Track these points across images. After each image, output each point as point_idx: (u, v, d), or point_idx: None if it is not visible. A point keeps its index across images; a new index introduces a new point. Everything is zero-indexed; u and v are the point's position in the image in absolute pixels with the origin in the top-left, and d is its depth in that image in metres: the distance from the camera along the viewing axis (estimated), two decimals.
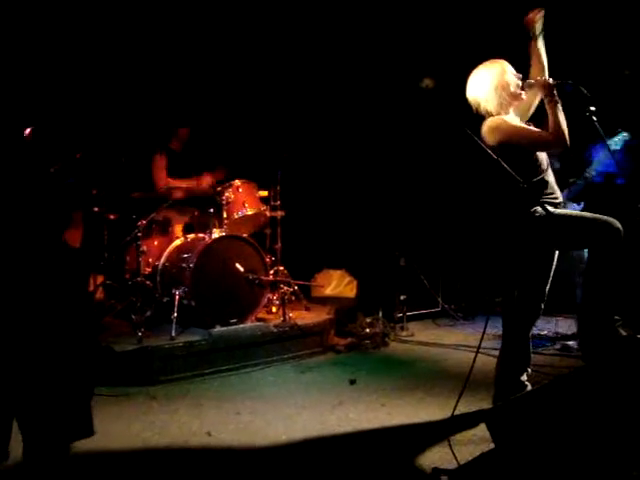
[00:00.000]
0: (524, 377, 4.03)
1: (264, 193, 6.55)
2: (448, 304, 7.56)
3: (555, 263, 4.04)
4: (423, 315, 7.37)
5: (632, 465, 2.69)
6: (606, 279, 3.81)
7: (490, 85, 3.99)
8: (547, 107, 3.88)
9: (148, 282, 5.79)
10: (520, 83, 3.96)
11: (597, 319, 3.89)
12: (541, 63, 4.11)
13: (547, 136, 3.86)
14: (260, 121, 7.33)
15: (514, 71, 4.01)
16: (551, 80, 3.86)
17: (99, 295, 6.01)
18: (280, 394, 4.74)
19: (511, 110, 4.05)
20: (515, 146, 3.84)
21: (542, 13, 4.05)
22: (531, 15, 4.05)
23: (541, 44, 4.10)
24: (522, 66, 4.10)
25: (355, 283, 7.59)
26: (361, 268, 7.54)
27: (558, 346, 5.87)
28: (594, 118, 4.05)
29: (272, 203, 6.62)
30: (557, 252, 4.05)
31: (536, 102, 4.16)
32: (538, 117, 4.11)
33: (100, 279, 6.04)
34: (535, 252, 3.94)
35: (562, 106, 3.85)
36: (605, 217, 3.78)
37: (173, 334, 5.26)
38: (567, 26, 6.43)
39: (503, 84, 3.95)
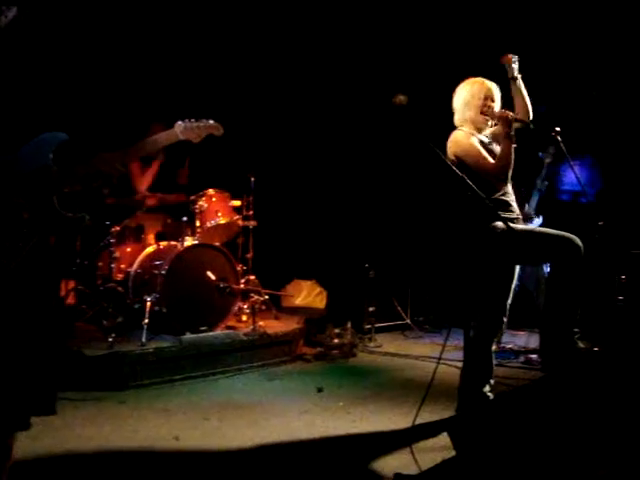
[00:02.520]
0: (487, 388, 4.11)
1: (237, 203, 6.59)
2: (417, 316, 7.66)
3: (516, 278, 4.17)
4: (391, 327, 7.46)
5: (585, 473, 2.79)
6: (567, 294, 3.93)
7: (461, 100, 4.18)
8: (501, 139, 4.02)
9: (120, 288, 5.81)
10: (489, 109, 4.10)
11: (558, 332, 4.01)
12: (523, 103, 4.25)
13: (490, 166, 4.02)
14: (233, 131, 7.38)
15: (495, 97, 4.15)
16: (511, 114, 4.00)
17: (70, 300, 6.01)
18: (248, 401, 4.80)
19: (484, 129, 4.19)
20: (466, 167, 3.97)
21: (515, 58, 4.21)
22: (509, 56, 4.21)
23: (521, 85, 4.25)
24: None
25: (325, 294, 7.66)
26: (331, 279, 7.62)
27: (522, 359, 6.01)
28: (559, 139, 4.20)
29: (245, 213, 6.67)
30: (517, 267, 4.18)
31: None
32: None
33: (72, 284, 6.04)
34: (495, 267, 4.06)
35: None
36: (566, 234, 3.91)
37: (144, 340, 5.29)
38: (537, 48, 6.59)
39: (470, 104, 4.11)
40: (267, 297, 6.71)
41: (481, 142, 4.12)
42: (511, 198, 4.14)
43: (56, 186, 2.92)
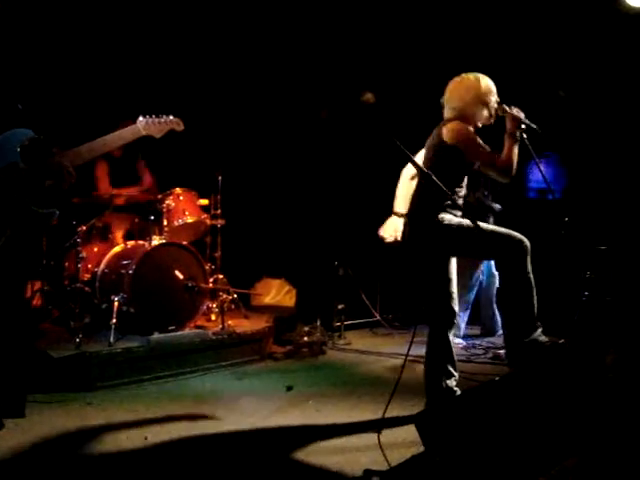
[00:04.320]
0: (452, 382, 4.10)
1: (205, 201, 6.58)
2: (386, 314, 7.68)
3: (454, 265, 4.19)
4: (361, 324, 7.50)
5: (551, 464, 2.83)
6: (516, 292, 4.00)
7: (471, 95, 4.10)
8: (506, 139, 4.01)
9: (87, 288, 5.76)
10: (498, 106, 4.10)
11: (518, 329, 4.06)
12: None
13: (497, 161, 3.98)
14: (200, 130, 7.36)
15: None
16: (523, 117, 4.00)
17: (37, 301, 5.95)
18: (218, 401, 4.77)
19: (478, 126, 4.20)
20: (457, 157, 3.98)
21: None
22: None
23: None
24: None
25: (294, 292, 7.67)
26: (300, 277, 7.63)
27: (490, 355, 6.07)
28: (524, 135, 4.23)
29: (212, 211, 6.66)
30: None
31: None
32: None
33: (38, 285, 5.98)
34: (431, 256, 4.10)
35: None
36: (513, 232, 3.97)
37: (112, 340, 5.25)
38: (504, 47, 6.65)
39: (482, 99, 4.07)
40: (236, 296, 6.71)
41: None
42: (463, 193, 4.18)
43: (25, 182, 2.91)
